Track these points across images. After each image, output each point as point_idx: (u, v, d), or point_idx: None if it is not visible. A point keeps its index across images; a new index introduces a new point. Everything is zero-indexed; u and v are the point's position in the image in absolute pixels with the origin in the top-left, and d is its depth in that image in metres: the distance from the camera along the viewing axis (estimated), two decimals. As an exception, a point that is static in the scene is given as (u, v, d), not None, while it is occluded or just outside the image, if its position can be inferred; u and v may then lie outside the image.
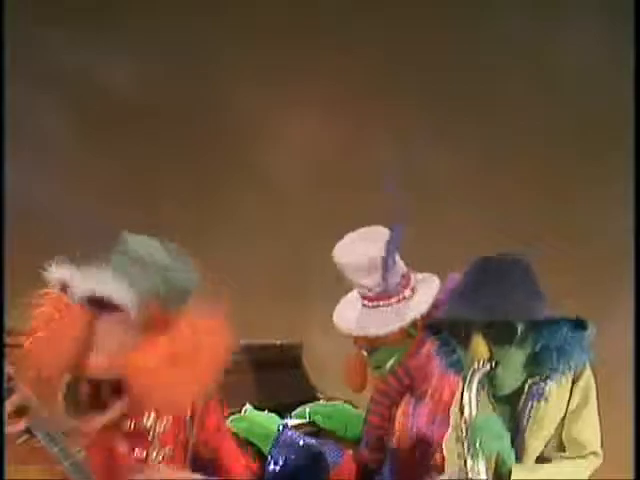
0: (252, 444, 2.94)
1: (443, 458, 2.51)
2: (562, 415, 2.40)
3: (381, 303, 2.96)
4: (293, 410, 3.29)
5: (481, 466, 2.24)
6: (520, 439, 2.36)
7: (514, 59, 4.76)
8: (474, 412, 2.25)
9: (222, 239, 4.57)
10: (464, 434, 2.24)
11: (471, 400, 2.26)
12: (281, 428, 2.98)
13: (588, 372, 2.43)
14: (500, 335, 2.32)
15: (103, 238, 2.43)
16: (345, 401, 3.39)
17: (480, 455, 2.22)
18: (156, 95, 4.92)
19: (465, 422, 2.24)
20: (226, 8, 4.87)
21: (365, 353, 3.02)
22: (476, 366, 2.28)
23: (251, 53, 4.84)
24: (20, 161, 4.58)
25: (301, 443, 2.94)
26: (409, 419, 2.94)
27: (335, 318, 3.10)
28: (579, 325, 2.38)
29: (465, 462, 2.23)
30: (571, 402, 2.40)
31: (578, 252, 4.57)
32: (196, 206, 4.78)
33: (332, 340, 3.32)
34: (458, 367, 2.42)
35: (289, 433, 2.96)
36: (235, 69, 4.87)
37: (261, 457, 2.91)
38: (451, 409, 2.51)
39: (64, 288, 2.27)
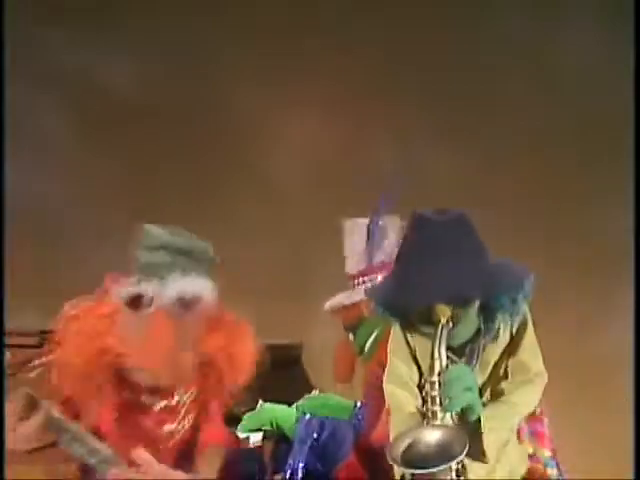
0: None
1: None
2: (505, 343, 2.50)
3: (363, 279, 3.09)
4: (292, 410, 3.30)
5: (449, 417, 2.31)
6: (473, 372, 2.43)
7: (514, 59, 4.76)
8: (444, 364, 2.28)
9: (222, 239, 4.56)
10: (436, 388, 2.26)
11: (441, 355, 2.29)
12: (303, 415, 3.04)
13: (523, 308, 2.50)
14: (460, 300, 2.38)
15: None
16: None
17: (452, 407, 2.26)
18: (156, 95, 4.92)
19: (439, 375, 2.27)
20: (226, 8, 4.87)
21: (351, 337, 3.10)
22: (443, 322, 2.31)
23: (251, 53, 4.84)
24: (20, 161, 4.59)
25: (322, 422, 2.99)
26: None
27: (327, 303, 3.25)
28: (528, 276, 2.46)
29: (433, 414, 2.25)
30: (513, 331, 2.51)
31: (578, 252, 4.58)
32: (196, 206, 4.78)
33: (332, 340, 3.33)
34: (399, 318, 2.50)
35: (309, 416, 3.01)
36: (235, 69, 4.87)
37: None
38: (388, 350, 2.55)
39: (137, 300, 2.29)
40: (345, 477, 2.96)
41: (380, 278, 3.05)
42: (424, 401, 2.30)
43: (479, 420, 2.34)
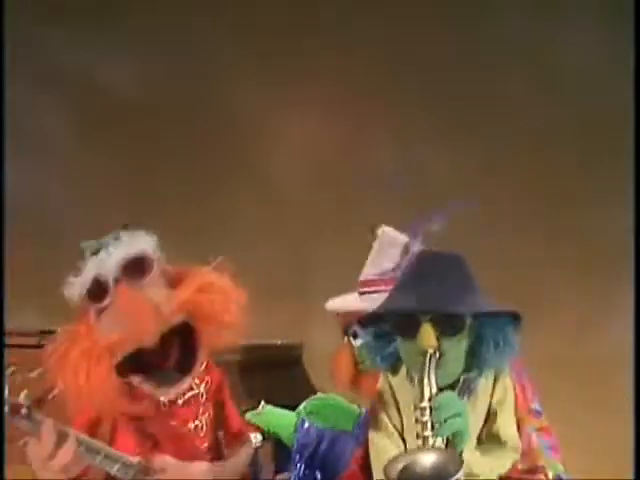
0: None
1: None
2: (485, 410, 2.48)
3: (382, 288, 3.03)
4: (293, 410, 3.29)
5: (440, 442, 2.30)
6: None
7: (514, 59, 4.75)
8: (435, 390, 2.29)
9: (222, 239, 4.57)
10: (426, 414, 2.27)
11: (431, 382, 2.31)
12: (302, 421, 3.02)
13: (507, 370, 2.52)
14: (448, 326, 2.39)
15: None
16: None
17: (444, 432, 2.26)
18: (156, 95, 4.92)
19: (429, 401, 2.27)
20: (226, 8, 4.87)
21: (354, 343, 3.08)
22: (431, 351, 2.34)
23: (251, 53, 4.84)
24: (20, 161, 4.59)
25: (326, 434, 2.98)
26: None
27: (331, 304, 3.22)
28: (513, 319, 2.45)
29: (424, 440, 2.25)
30: (493, 399, 2.50)
31: (578, 252, 4.58)
32: (196, 206, 4.78)
33: (332, 340, 3.32)
34: (390, 361, 2.51)
35: (311, 425, 3.00)
36: (235, 69, 4.87)
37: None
38: (374, 400, 2.57)
39: (96, 285, 2.27)
40: None
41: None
42: (416, 424, 2.31)
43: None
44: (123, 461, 2.20)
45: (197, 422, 2.40)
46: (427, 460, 2.21)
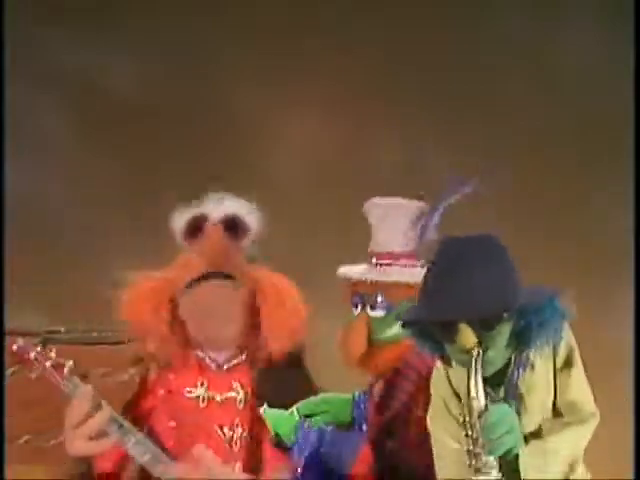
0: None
1: None
2: (551, 382, 2.41)
3: (402, 262, 2.98)
4: (294, 410, 3.29)
5: (494, 460, 2.24)
6: (513, 410, 2.34)
7: (514, 59, 4.75)
8: (483, 404, 2.24)
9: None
10: (475, 429, 2.23)
11: (478, 392, 2.25)
12: (301, 422, 3.02)
13: (567, 335, 2.47)
14: (485, 324, 2.30)
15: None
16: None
17: (495, 452, 2.22)
18: (156, 95, 4.92)
19: (479, 416, 2.23)
20: (226, 8, 4.87)
21: (369, 312, 2.98)
22: (475, 354, 2.26)
23: (251, 53, 4.84)
24: (20, 161, 4.59)
25: (327, 433, 2.97)
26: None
27: (343, 270, 3.10)
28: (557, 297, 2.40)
29: (476, 457, 2.22)
30: (557, 367, 2.43)
31: (578, 252, 4.58)
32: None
33: (334, 340, 3.32)
34: (436, 348, 2.41)
35: (308, 425, 2.99)
36: (235, 69, 4.87)
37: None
38: (429, 417, 2.49)
39: (194, 224, 2.36)
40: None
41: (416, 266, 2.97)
42: (467, 438, 2.27)
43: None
44: (155, 451, 2.19)
45: (232, 432, 2.39)
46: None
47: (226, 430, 2.37)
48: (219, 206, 2.36)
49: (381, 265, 3.02)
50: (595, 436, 4.25)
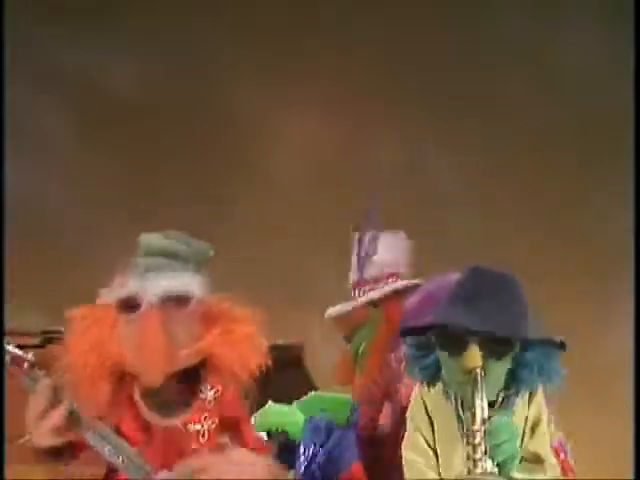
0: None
1: None
2: (522, 428, 2.46)
3: (357, 290, 3.29)
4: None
5: (493, 466, 2.28)
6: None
7: (514, 59, 4.76)
8: (486, 413, 2.28)
9: (222, 239, 4.56)
10: (478, 436, 2.26)
11: (483, 403, 2.30)
12: (308, 416, 3.06)
13: (540, 388, 2.50)
14: (495, 349, 2.37)
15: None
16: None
17: (497, 457, 2.25)
18: (156, 95, 4.92)
19: (483, 424, 2.26)
20: (226, 8, 4.87)
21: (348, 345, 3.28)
22: (479, 371, 2.32)
23: (251, 53, 4.84)
24: (20, 161, 4.59)
25: (332, 431, 3.00)
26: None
27: (328, 312, 3.37)
28: (559, 347, 2.44)
29: (474, 463, 2.24)
30: (529, 416, 2.49)
31: (578, 252, 4.58)
32: (196, 206, 4.78)
33: (333, 340, 3.33)
34: (428, 373, 2.47)
35: (320, 422, 3.03)
36: (235, 69, 4.87)
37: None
38: (408, 416, 2.56)
39: (131, 300, 2.27)
40: None
41: (373, 294, 3.24)
42: (467, 446, 2.30)
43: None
44: (119, 444, 2.19)
45: (199, 426, 2.38)
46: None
47: (190, 425, 2.36)
48: (155, 285, 2.29)
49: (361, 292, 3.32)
50: (596, 437, 4.27)
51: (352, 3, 4.84)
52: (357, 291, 3.31)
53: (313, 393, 3.33)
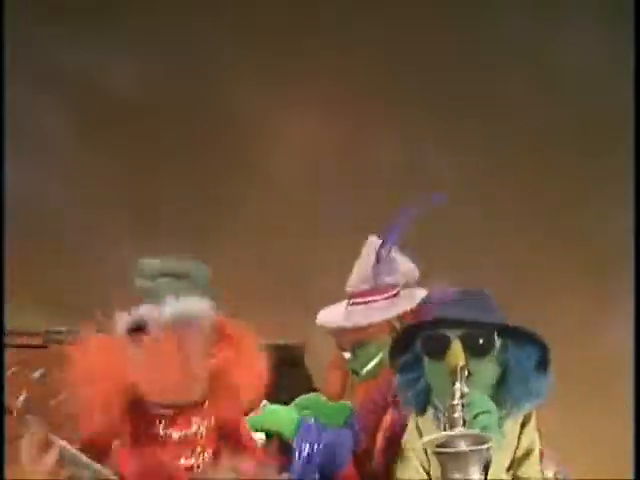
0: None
1: None
2: (511, 454, 2.51)
3: (369, 299, 3.11)
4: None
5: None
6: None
7: (514, 59, 4.76)
8: (465, 389, 2.32)
9: (222, 239, 4.58)
10: (458, 410, 2.29)
11: (462, 386, 2.35)
12: (302, 418, 3.04)
13: (534, 419, 2.56)
14: (476, 346, 2.44)
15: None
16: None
17: (474, 427, 2.29)
18: (156, 95, 4.92)
19: (461, 398, 2.29)
20: (226, 8, 4.87)
21: (347, 355, 3.15)
22: (461, 364, 2.38)
23: (251, 53, 4.84)
24: (20, 161, 4.59)
25: (324, 430, 2.99)
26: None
27: (321, 318, 3.26)
28: (543, 362, 2.51)
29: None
30: (521, 443, 2.53)
31: (578, 252, 4.58)
32: (196, 206, 4.78)
33: (333, 340, 3.32)
34: (420, 400, 2.54)
35: (311, 422, 3.01)
36: (235, 69, 4.86)
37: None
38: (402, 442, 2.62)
39: (142, 324, 2.29)
40: None
41: (380, 301, 3.12)
42: (446, 422, 2.33)
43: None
44: (96, 469, 2.20)
45: (192, 461, 2.39)
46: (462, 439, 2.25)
47: (182, 460, 2.36)
48: (167, 309, 2.30)
49: (355, 304, 3.14)
50: (596, 437, 4.27)
51: (352, 3, 4.84)
52: (358, 300, 3.18)
53: (308, 395, 3.32)
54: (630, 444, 3.20)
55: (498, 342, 2.46)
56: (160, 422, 2.32)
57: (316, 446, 2.93)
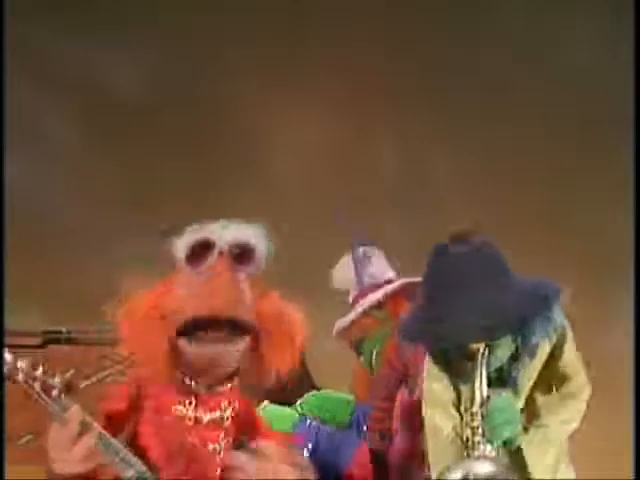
0: None
1: None
2: (543, 360, 2.50)
3: (359, 302, 3.29)
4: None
5: (490, 448, 2.30)
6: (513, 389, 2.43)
7: (514, 59, 4.76)
8: (485, 394, 2.28)
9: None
10: (477, 419, 2.26)
11: (482, 385, 2.30)
12: (302, 419, 3.05)
13: (560, 316, 2.55)
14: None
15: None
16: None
17: (494, 439, 2.26)
18: (156, 95, 4.92)
19: (481, 406, 2.27)
20: (226, 8, 4.87)
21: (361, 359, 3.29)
22: (481, 352, 2.32)
23: (251, 53, 4.84)
24: (20, 161, 4.59)
25: (325, 431, 2.99)
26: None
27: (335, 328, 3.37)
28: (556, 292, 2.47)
29: (474, 445, 2.25)
30: (552, 347, 2.53)
31: (578, 252, 4.58)
32: (196, 206, 4.78)
33: (334, 339, 3.33)
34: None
35: (312, 422, 3.02)
36: (235, 69, 4.87)
37: None
38: (424, 394, 2.55)
39: (198, 250, 2.27)
40: None
41: (375, 297, 3.23)
42: (466, 428, 2.31)
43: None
44: (140, 470, 2.19)
45: (216, 445, 2.37)
46: (481, 470, 2.22)
47: (210, 445, 2.35)
48: (226, 232, 2.28)
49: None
50: (595, 436, 4.26)
51: (352, 3, 4.84)
52: (356, 304, 3.31)
53: (313, 393, 3.32)
54: (630, 444, 3.20)
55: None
56: (190, 403, 2.31)
57: (314, 449, 2.94)
